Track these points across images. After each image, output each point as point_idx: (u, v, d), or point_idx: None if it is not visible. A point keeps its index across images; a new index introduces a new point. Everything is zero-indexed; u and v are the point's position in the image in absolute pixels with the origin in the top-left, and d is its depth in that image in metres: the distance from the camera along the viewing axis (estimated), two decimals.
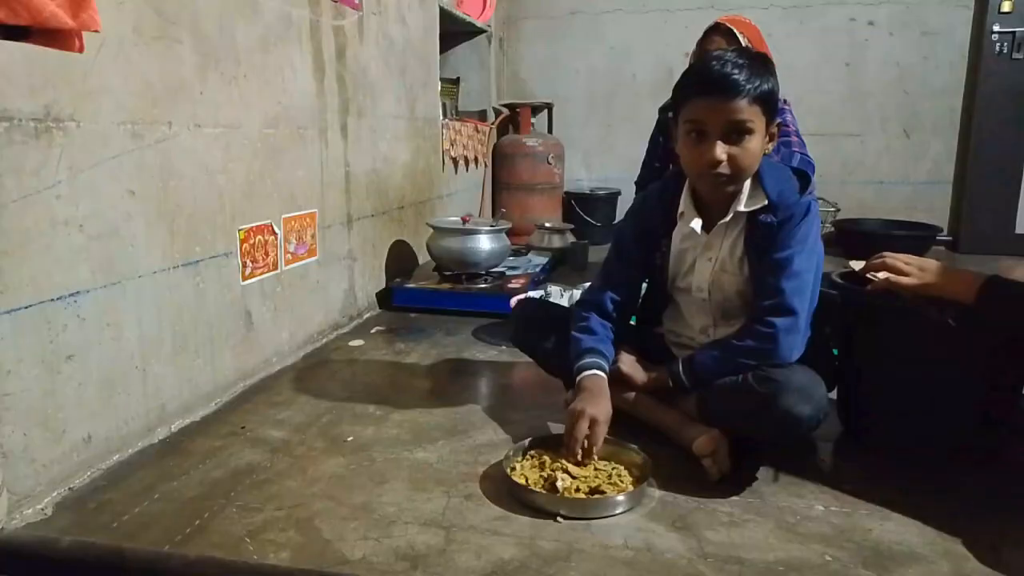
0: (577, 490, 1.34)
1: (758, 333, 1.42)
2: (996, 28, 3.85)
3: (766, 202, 1.45)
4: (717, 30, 2.39)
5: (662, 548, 1.20)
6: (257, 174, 1.97)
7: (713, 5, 4.11)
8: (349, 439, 1.63)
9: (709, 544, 1.21)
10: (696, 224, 1.49)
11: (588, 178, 4.58)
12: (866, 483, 1.40)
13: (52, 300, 1.35)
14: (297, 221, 2.19)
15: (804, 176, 1.51)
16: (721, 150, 1.38)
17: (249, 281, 1.96)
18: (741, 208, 1.46)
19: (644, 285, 1.72)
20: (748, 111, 1.36)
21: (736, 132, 1.38)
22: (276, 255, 2.08)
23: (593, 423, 1.38)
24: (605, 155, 4.54)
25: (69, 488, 1.37)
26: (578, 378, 1.50)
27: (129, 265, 1.53)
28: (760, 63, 1.40)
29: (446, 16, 3.50)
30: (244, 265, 1.93)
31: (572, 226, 3.85)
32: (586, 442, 1.39)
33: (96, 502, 1.34)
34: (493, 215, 4.22)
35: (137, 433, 1.57)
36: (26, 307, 1.29)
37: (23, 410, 1.28)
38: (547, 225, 3.76)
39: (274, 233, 2.06)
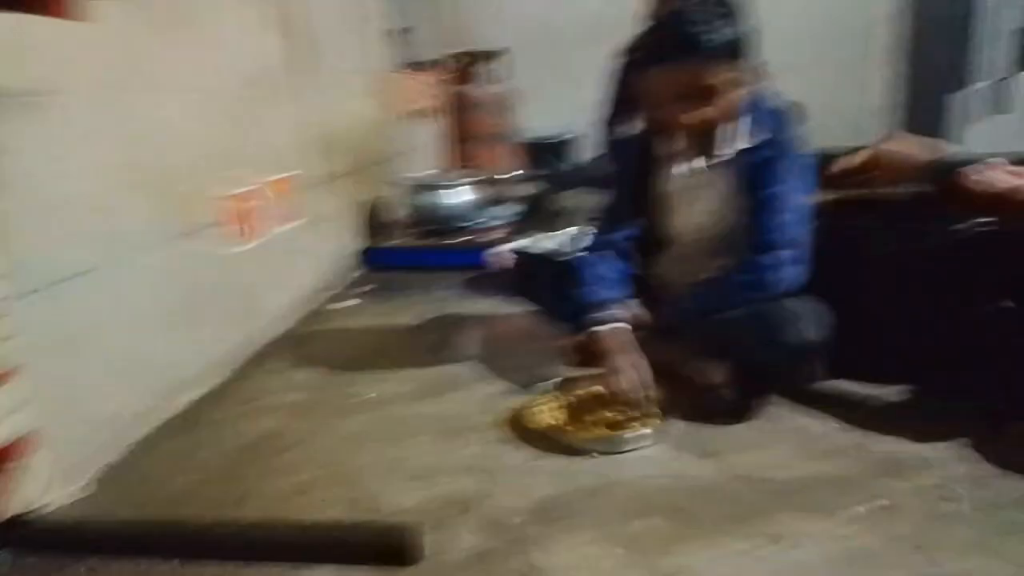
0: (606, 427, 1.41)
1: (755, 266, 1.48)
2: None
3: (759, 139, 1.49)
4: None
5: (695, 474, 1.27)
6: (235, 138, 1.93)
7: None
8: (368, 396, 1.65)
9: (737, 467, 1.29)
10: (686, 166, 1.53)
11: (548, 124, 4.57)
12: (869, 402, 1.50)
13: (61, 281, 1.31)
14: (278, 184, 2.15)
15: (790, 110, 1.55)
16: (688, 116, 1.42)
17: (242, 248, 1.93)
18: (734, 147, 1.50)
19: None
20: (712, 72, 1.38)
21: (702, 95, 1.40)
22: (264, 221, 2.05)
23: (638, 367, 1.41)
24: (560, 101, 4.51)
25: (107, 465, 1.38)
26: (597, 330, 1.50)
27: (130, 240, 1.51)
28: (721, 9, 1.40)
29: None
30: (237, 232, 1.90)
31: (539, 173, 3.86)
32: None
33: (135, 477, 1.35)
34: (454, 167, 4.19)
35: (158, 406, 1.56)
36: (36, 290, 1.26)
37: (51, 391, 1.26)
38: (513, 174, 3.76)
39: (259, 198, 2.03)
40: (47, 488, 1.15)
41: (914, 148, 1.37)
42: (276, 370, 1.83)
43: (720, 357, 1.53)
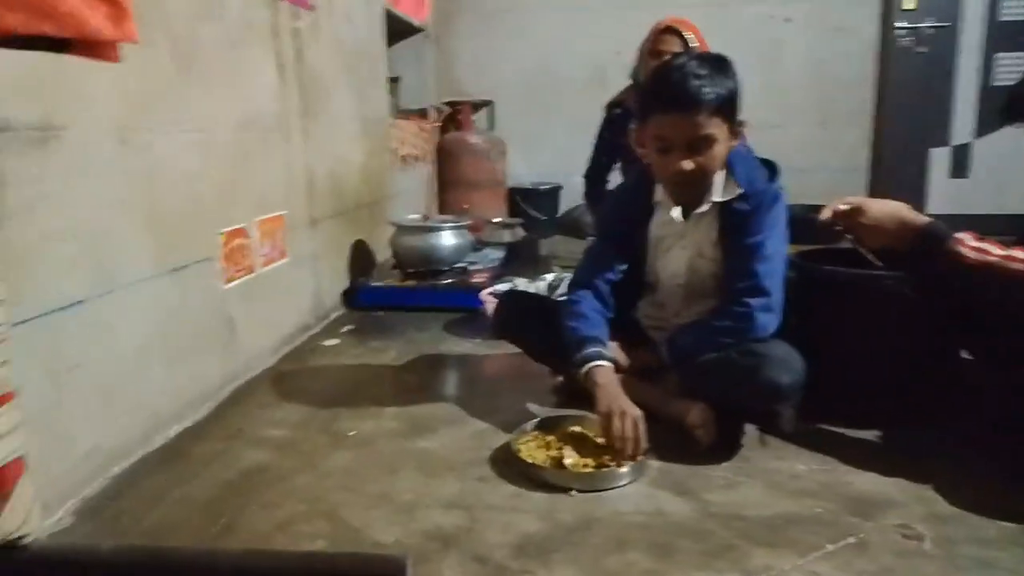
0: (585, 466, 1.44)
1: (735, 313, 1.55)
2: (899, 24, 4.18)
3: (739, 191, 1.57)
4: (668, 31, 2.53)
5: (670, 511, 1.31)
6: (231, 177, 1.98)
7: (637, 6, 4.27)
8: (351, 433, 1.67)
9: (711, 505, 1.32)
10: (676, 212, 1.61)
11: (529, 173, 4.68)
12: (838, 444, 1.56)
13: (54, 311, 1.33)
14: (268, 223, 2.19)
15: (771, 164, 1.64)
16: (686, 163, 1.50)
17: (230, 285, 1.96)
18: (716, 198, 1.59)
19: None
20: (710, 123, 1.47)
21: (700, 144, 1.49)
22: (252, 258, 2.09)
23: (636, 421, 1.43)
24: (544, 150, 4.66)
25: (82, 498, 1.37)
26: (585, 369, 1.54)
27: (122, 273, 1.53)
28: (719, 67, 1.51)
29: (386, 15, 3.53)
30: (224, 269, 1.93)
31: (521, 221, 3.94)
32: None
33: (112, 510, 1.34)
34: (441, 212, 4.27)
35: (138, 440, 1.56)
36: (30, 319, 1.28)
37: (35, 422, 1.26)
38: (496, 220, 3.84)
39: (249, 236, 2.07)
40: (27, 517, 1.15)
41: (898, 209, 1.45)
42: (259, 406, 1.85)
43: (698, 398, 1.57)
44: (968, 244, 1.32)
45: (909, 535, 1.21)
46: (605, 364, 1.55)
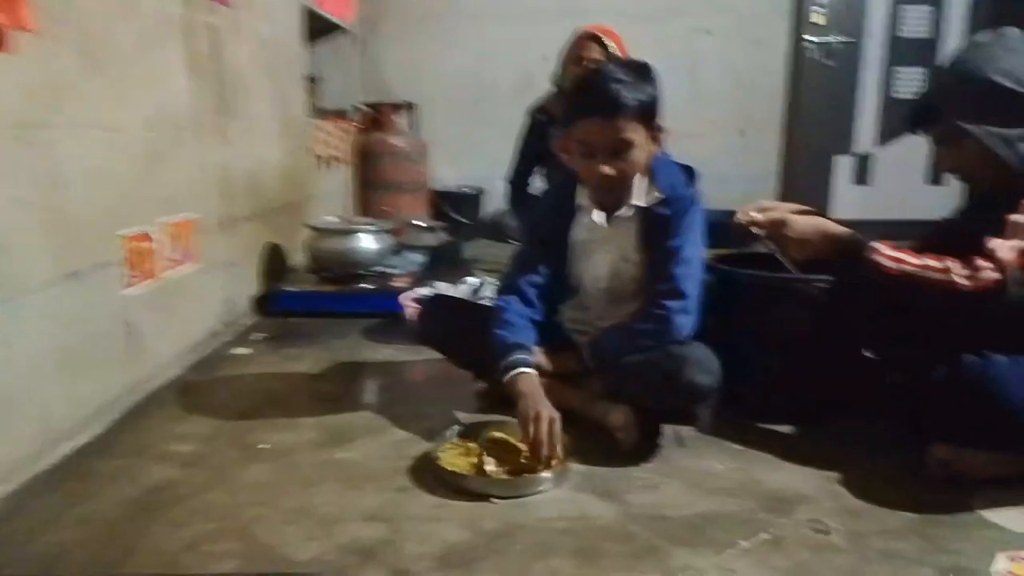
0: (506, 472, 1.43)
1: (655, 316, 1.57)
2: (809, 38, 4.38)
3: (659, 196, 1.60)
4: (590, 38, 2.56)
5: (593, 515, 1.31)
6: (137, 178, 1.87)
7: (564, 14, 4.31)
8: (265, 446, 1.60)
9: (633, 507, 1.34)
10: (598, 216, 1.62)
11: (454, 177, 4.65)
12: (753, 442, 1.60)
13: None
14: (176, 227, 2.09)
15: (690, 170, 1.68)
16: (607, 167, 1.53)
17: (131, 290, 1.85)
18: (637, 202, 1.61)
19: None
20: (629, 128, 1.50)
21: (619, 149, 1.52)
22: (156, 262, 1.98)
23: (552, 423, 1.43)
24: (469, 154, 4.63)
25: None
26: (508, 377, 1.53)
27: (16, 279, 1.42)
28: (640, 73, 1.54)
29: (309, 15, 3.44)
30: (126, 274, 1.82)
31: (443, 224, 3.90)
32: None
33: (5, 531, 1.24)
34: (362, 214, 4.18)
35: (30, 457, 1.45)
36: None
37: None
38: (419, 223, 3.79)
39: (154, 239, 1.96)
40: None
41: (821, 224, 1.49)
42: (164, 418, 1.75)
43: (618, 401, 1.59)
44: (885, 253, 1.38)
45: (820, 529, 1.25)
46: (529, 371, 1.54)
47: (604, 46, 2.58)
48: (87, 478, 1.45)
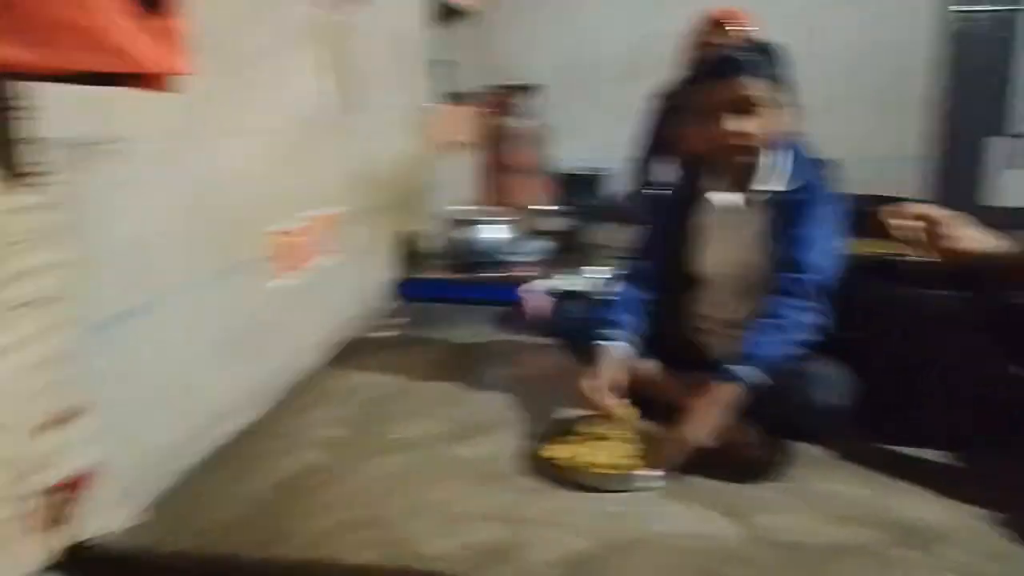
0: (610, 467, 1.47)
1: (783, 304, 1.50)
2: (956, 8, 4.00)
3: (788, 182, 1.54)
4: (716, 22, 2.48)
5: (718, 534, 1.30)
6: (279, 177, 2.01)
7: None
8: (397, 437, 1.70)
9: (759, 529, 1.32)
10: (722, 198, 1.59)
11: (575, 159, 4.63)
12: (890, 467, 1.52)
13: (117, 317, 1.38)
14: (317, 220, 2.23)
15: (823, 162, 1.61)
16: (732, 123, 1.51)
17: (279, 283, 2.00)
18: (763, 187, 1.56)
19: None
20: (755, 87, 1.49)
21: (745, 107, 1.50)
22: (301, 256, 2.12)
23: (596, 385, 1.52)
24: (591, 136, 4.59)
25: (155, 494, 1.43)
26: (598, 344, 1.63)
27: (180, 277, 1.58)
28: (766, 50, 1.53)
29: (435, 1, 3.51)
30: (274, 268, 1.97)
31: (566, 207, 3.92)
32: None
33: (180, 508, 1.40)
34: (486, 200, 4.26)
35: (198, 439, 1.62)
36: (97, 326, 1.33)
37: (108, 422, 1.32)
38: (542, 208, 3.83)
39: (298, 234, 2.10)
40: (101, 518, 1.22)
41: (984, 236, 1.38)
42: (312, 403, 1.89)
43: (746, 416, 1.56)
44: None
45: (964, 572, 1.19)
46: (611, 344, 1.60)
47: (732, 31, 2.49)
48: (245, 459, 1.60)
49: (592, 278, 2.62)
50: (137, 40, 0.96)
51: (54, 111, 1.19)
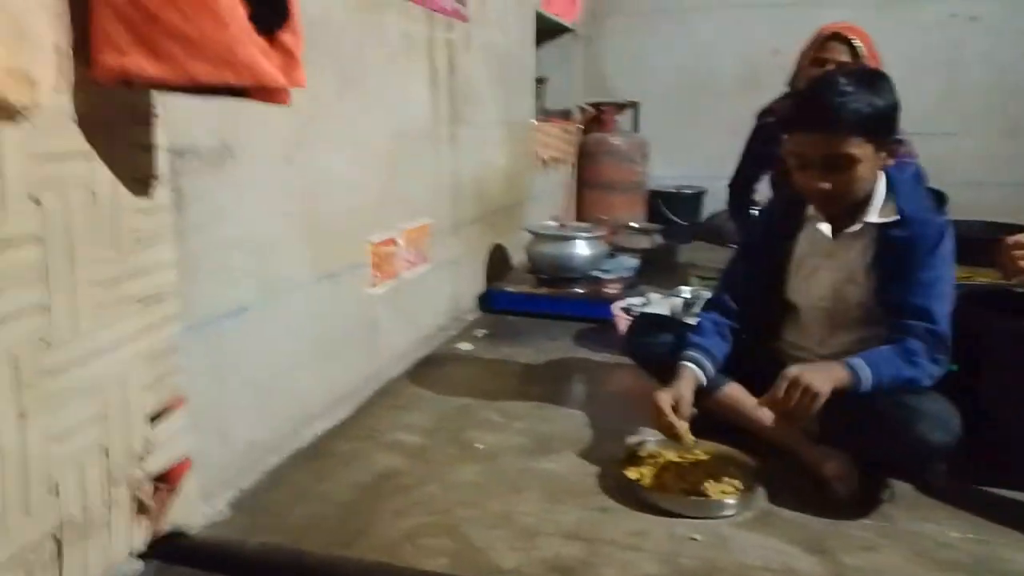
0: (684, 490, 1.45)
1: (920, 364, 1.41)
2: None
3: (897, 216, 1.46)
4: (834, 37, 2.38)
5: (801, 570, 1.25)
6: (383, 188, 2.08)
7: (797, 3, 4.03)
8: (478, 446, 1.72)
9: (847, 569, 1.25)
10: (825, 228, 1.53)
11: (672, 176, 4.56)
12: (997, 511, 1.42)
13: (222, 316, 1.47)
14: (414, 231, 2.29)
15: (940, 195, 1.52)
16: (822, 182, 1.43)
17: (375, 290, 2.07)
18: (870, 219, 1.49)
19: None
20: (850, 143, 1.39)
21: (838, 163, 1.41)
22: (397, 264, 2.19)
23: (670, 402, 1.48)
24: (690, 154, 4.52)
25: (240, 489, 1.50)
26: (679, 363, 1.59)
27: (283, 280, 1.66)
28: (870, 84, 1.41)
29: (538, 18, 3.55)
30: (372, 275, 2.04)
31: (659, 226, 3.86)
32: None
33: (263, 503, 1.47)
34: (578, 215, 4.27)
35: (288, 436, 1.69)
36: (202, 324, 1.41)
37: (200, 418, 1.40)
38: (634, 225, 3.79)
39: (396, 244, 2.17)
40: (192, 509, 1.29)
41: None
42: (395, 408, 1.94)
43: (837, 445, 1.49)
44: None
45: None
46: (690, 366, 1.57)
47: (850, 46, 2.37)
48: (331, 459, 1.66)
49: (677, 298, 2.57)
50: (263, 55, 1.02)
51: (179, 119, 1.29)
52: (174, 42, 0.97)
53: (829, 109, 1.38)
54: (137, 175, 1.16)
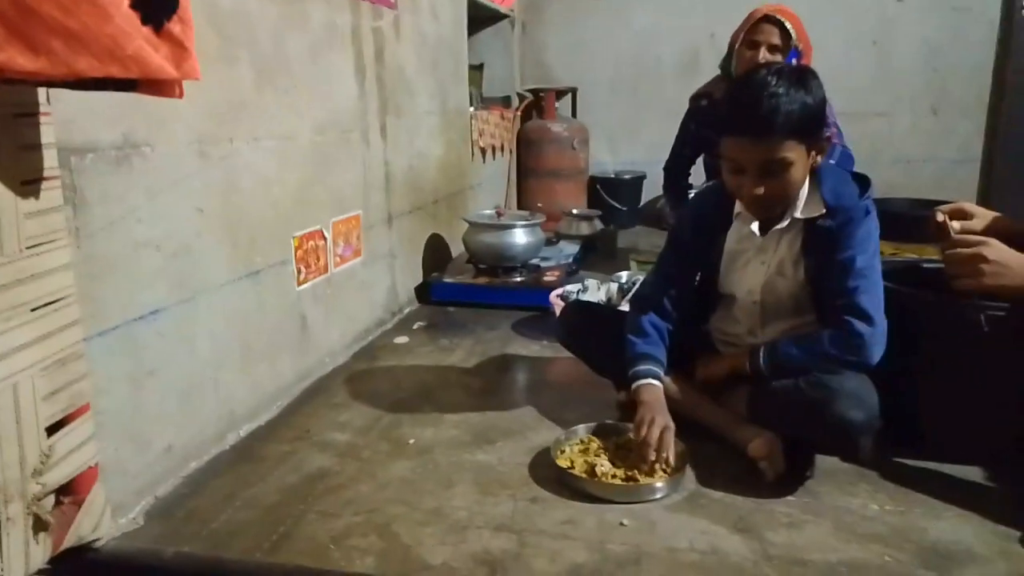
0: (614, 476, 1.46)
1: (841, 335, 1.44)
2: None
3: (823, 209, 1.48)
4: (765, 19, 2.41)
5: (727, 550, 1.26)
6: (308, 181, 2.03)
7: None
8: (411, 442, 1.69)
9: (771, 546, 1.27)
10: (754, 227, 1.53)
11: (613, 162, 4.59)
12: (917, 482, 1.46)
13: (135, 320, 1.41)
14: (344, 224, 2.24)
15: (863, 179, 1.54)
16: (758, 187, 1.43)
17: (303, 286, 2.02)
18: (798, 215, 1.50)
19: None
20: (784, 148, 1.39)
21: (773, 168, 1.41)
22: (326, 259, 2.14)
23: (664, 431, 1.46)
24: (630, 139, 4.55)
25: (155, 497, 1.45)
26: (634, 386, 1.58)
27: (200, 280, 1.60)
28: (799, 81, 1.40)
29: (471, 4, 3.51)
30: (298, 271, 1.99)
31: (600, 212, 3.87)
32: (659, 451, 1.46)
33: (183, 510, 1.41)
34: (519, 203, 4.26)
35: (211, 440, 1.64)
36: (113, 328, 1.35)
37: (114, 425, 1.35)
38: (574, 212, 3.79)
39: (324, 238, 2.12)
40: (100, 522, 1.23)
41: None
42: (326, 407, 1.90)
43: (764, 425, 1.51)
44: None
45: None
46: (653, 382, 1.57)
47: (782, 28, 2.41)
48: (258, 462, 1.61)
49: (613, 284, 2.59)
50: (150, 47, 0.97)
51: (75, 115, 1.22)
52: (54, 36, 0.91)
53: (762, 115, 1.36)
54: (24, 176, 1.09)
